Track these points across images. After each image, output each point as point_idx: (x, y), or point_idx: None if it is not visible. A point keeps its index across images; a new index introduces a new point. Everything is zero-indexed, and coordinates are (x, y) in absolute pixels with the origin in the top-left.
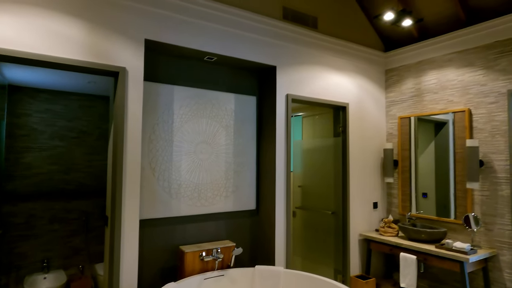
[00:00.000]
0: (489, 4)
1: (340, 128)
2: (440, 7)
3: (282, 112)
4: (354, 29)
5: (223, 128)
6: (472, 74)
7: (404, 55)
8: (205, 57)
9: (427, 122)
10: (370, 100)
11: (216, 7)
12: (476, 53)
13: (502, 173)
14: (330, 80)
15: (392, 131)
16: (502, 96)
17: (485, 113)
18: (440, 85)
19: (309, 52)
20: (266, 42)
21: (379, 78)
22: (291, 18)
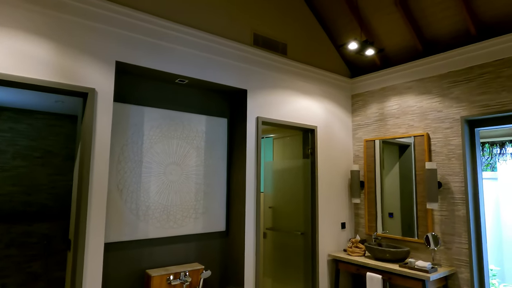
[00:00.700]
0: (443, 38)
1: (309, 150)
2: (400, 38)
3: (252, 134)
4: (322, 55)
5: (194, 150)
6: (429, 101)
7: (369, 82)
8: (176, 80)
9: (392, 144)
10: (337, 123)
11: (188, 32)
12: (432, 81)
13: (458, 194)
14: (299, 103)
15: (359, 153)
16: (456, 122)
17: (442, 138)
18: (402, 111)
19: (279, 76)
20: (237, 66)
21: (346, 102)
22: (261, 44)
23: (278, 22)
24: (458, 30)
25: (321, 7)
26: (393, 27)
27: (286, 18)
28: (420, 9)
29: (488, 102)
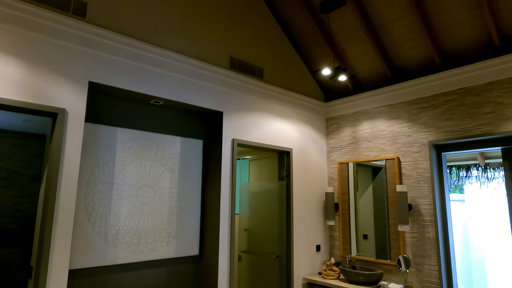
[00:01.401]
0: (411, 66)
1: (284, 172)
2: (371, 66)
3: (227, 156)
4: (297, 80)
5: (168, 171)
6: (399, 126)
7: (342, 106)
8: (152, 101)
9: (365, 166)
10: (312, 146)
11: (164, 54)
12: (402, 107)
13: (427, 216)
14: (275, 126)
15: (333, 175)
16: (424, 147)
17: (411, 161)
18: (373, 134)
19: (255, 99)
20: (213, 88)
21: (320, 125)
22: (238, 67)
23: (255, 47)
24: (424, 60)
25: (297, 34)
26: (364, 55)
27: (263, 43)
28: (389, 39)
29: (453, 128)
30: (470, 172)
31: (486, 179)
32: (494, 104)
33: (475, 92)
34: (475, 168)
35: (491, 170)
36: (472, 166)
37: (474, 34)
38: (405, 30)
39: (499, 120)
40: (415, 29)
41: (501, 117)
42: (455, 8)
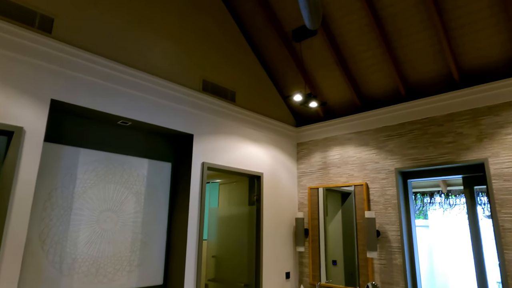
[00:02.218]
0: (378, 95)
1: (255, 197)
2: (341, 94)
3: (197, 180)
4: (269, 104)
5: (133, 195)
6: (367, 153)
7: (313, 131)
8: (119, 121)
9: (335, 192)
10: (283, 171)
11: (133, 73)
12: (370, 134)
13: (395, 243)
14: (246, 150)
15: (303, 200)
16: (391, 173)
17: (379, 188)
18: (343, 160)
19: (227, 123)
20: (185, 111)
21: (291, 150)
22: (210, 90)
23: (228, 71)
24: (391, 90)
25: (270, 60)
26: (334, 83)
27: (236, 67)
28: (357, 69)
29: (418, 156)
30: (433, 199)
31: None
32: (455, 134)
33: (438, 122)
34: (438, 194)
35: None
36: (436, 192)
37: (436, 67)
38: (372, 61)
39: (460, 149)
40: (382, 60)
41: (462, 147)
42: (419, 42)
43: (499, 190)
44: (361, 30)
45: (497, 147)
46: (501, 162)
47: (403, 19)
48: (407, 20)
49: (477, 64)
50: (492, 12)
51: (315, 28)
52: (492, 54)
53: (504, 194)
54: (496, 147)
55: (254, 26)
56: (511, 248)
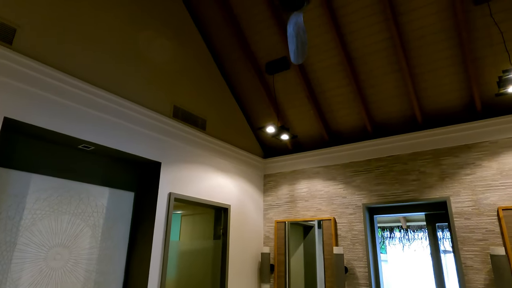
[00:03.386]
0: (346, 131)
1: (221, 230)
2: (310, 127)
3: (162, 211)
4: (238, 134)
5: (89, 228)
6: (335, 187)
7: (281, 163)
8: (80, 145)
9: (297, 225)
10: (250, 203)
11: (99, 94)
12: (337, 169)
13: (362, 279)
14: (214, 180)
15: (269, 234)
16: (359, 209)
17: (347, 223)
18: (311, 194)
19: (196, 151)
20: (153, 137)
21: (258, 182)
22: (181, 116)
23: (200, 98)
24: (358, 127)
25: (241, 90)
26: (304, 117)
27: (208, 96)
28: (327, 104)
29: (384, 192)
30: (393, 233)
31: (407, 241)
32: (418, 173)
33: (402, 161)
34: (398, 229)
35: (412, 232)
36: (395, 227)
37: (401, 108)
38: (342, 98)
39: (424, 187)
40: (351, 98)
41: (425, 185)
42: (386, 83)
43: (460, 228)
44: (333, 68)
45: (457, 186)
46: (462, 201)
47: (373, 60)
48: (377, 62)
49: (438, 108)
50: (453, 61)
51: (299, 63)
52: (451, 99)
53: (465, 232)
54: (457, 187)
55: (228, 57)
56: (474, 285)
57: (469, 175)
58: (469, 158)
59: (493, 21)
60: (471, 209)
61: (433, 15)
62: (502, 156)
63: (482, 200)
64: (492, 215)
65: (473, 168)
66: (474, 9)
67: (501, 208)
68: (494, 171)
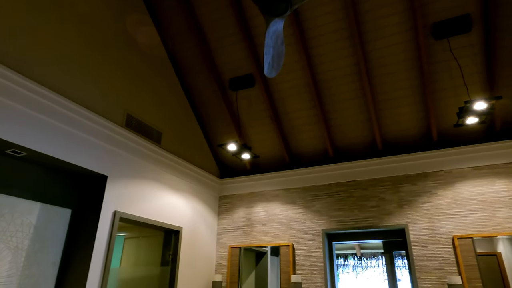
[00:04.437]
0: (307, 154)
1: (170, 256)
2: (270, 148)
3: (104, 233)
4: (195, 151)
5: (9, 251)
6: (294, 211)
7: (238, 184)
8: (9, 150)
9: (249, 251)
10: (203, 226)
11: (35, 89)
12: (297, 193)
13: None
14: (166, 199)
15: (222, 261)
16: (318, 235)
17: (305, 249)
18: (269, 218)
19: (148, 166)
20: (100, 146)
21: (213, 203)
22: (134, 127)
23: (157, 109)
24: (320, 150)
25: (202, 105)
26: (266, 137)
27: (166, 107)
28: (291, 126)
29: (344, 218)
30: (347, 261)
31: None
32: (378, 199)
33: (363, 186)
34: (351, 257)
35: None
36: (349, 255)
37: (363, 134)
38: (306, 120)
39: (383, 214)
40: (315, 121)
41: (384, 211)
42: (350, 109)
43: (418, 256)
44: (299, 89)
45: (415, 214)
46: (419, 229)
47: (338, 85)
48: (342, 87)
49: (397, 136)
50: (414, 92)
51: (271, 76)
52: (410, 128)
53: (422, 261)
54: (415, 214)
55: (191, 69)
56: None
57: (426, 203)
58: (426, 186)
59: (452, 55)
60: (428, 237)
61: (397, 45)
62: (456, 185)
63: (438, 228)
64: (448, 243)
65: (429, 197)
66: (435, 43)
67: (456, 236)
68: (449, 200)
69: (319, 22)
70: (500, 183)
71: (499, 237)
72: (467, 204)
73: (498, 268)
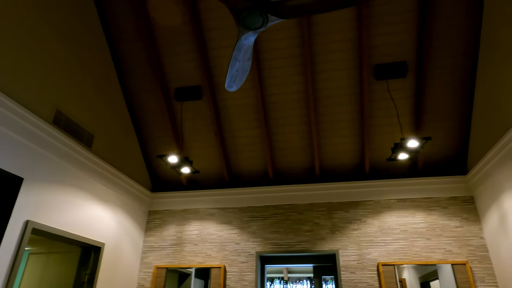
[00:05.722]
0: (247, 174)
1: (86, 276)
2: (210, 164)
3: (10, 246)
4: (128, 160)
5: None
6: (229, 232)
7: (171, 200)
8: None
9: (172, 272)
10: (128, 243)
11: None
12: (234, 213)
13: None
14: (91, 211)
15: (144, 282)
16: (252, 257)
17: (237, 272)
18: (201, 237)
19: (74, 172)
20: (19, 143)
21: (141, 218)
22: (63, 125)
23: (92, 110)
24: (260, 171)
25: (142, 112)
26: (207, 152)
27: (102, 109)
28: (233, 144)
29: (279, 241)
30: (273, 285)
31: None
32: (312, 224)
33: (299, 210)
34: (278, 281)
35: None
36: (276, 279)
37: (303, 159)
38: (250, 140)
39: (316, 239)
40: (259, 142)
41: (317, 236)
42: (293, 134)
43: (346, 281)
44: (247, 108)
45: (346, 240)
46: (349, 255)
47: (286, 109)
48: (289, 111)
49: (334, 164)
50: (353, 125)
51: (231, 90)
52: (345, 158)
53: (350, 286)
54: (345, 240)
55: (134, 72)
56: None
57: (356, 230)
58: (357, 214)
59: (390, 96)
60: (356, 263)
61: (343, 79)
62: (383, 215)
63: (366, 255)
64: (373, 269)
65: (359, 224)
66: (376, 83)
67: (381, 263)
68: (376, 228)
69: (275, 46)
70: (420, 216)
71: (405, 265)
72: (392, 233)
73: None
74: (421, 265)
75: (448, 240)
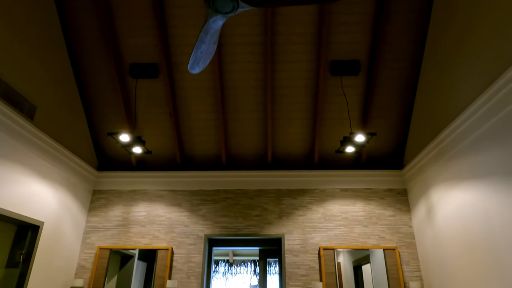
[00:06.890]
0: (200, 158)
1: (21, 256)
2: (162, 146)
3: None
4: (73, 136)
5: None
6: (178, 214)
7: (118, 180)
8: None
9: (115, 253)
10: (69, 222)
11: None
12: (184, 195)
13: None
14: (29, 187)
15: (86, 263)
16: (200, 239)
17: (184, 254)
18: (149, 219)
19: (13, 144)
20: None
21: (85, 197)
22: (2, 93)
23: (35, 78)
24: (213, 155)
25: (93, 86)
26: (160, 133)
27: (47, 79)
28: (188, 127)
29: (228, 224)
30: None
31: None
32: (261, 209)
33: (249, 195)
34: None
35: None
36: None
37: (256, 146)
38: (205, 124)
39: (264, 223)
40: (213, 126)
41: (266, 221)
42: (250, 120)
43: (289, 264)
44: (204, 91)
45: (292, 225)
46: (293, 239)
47: (243, 96)
48: (245, 98)
49: (285, 152)
50: (306, 116)
51: (194, 72)
52: (296, 147)
53: (292, 268)
54: (291, 226)
55: (86, 41)
56: None
57: (301, 216)
58: (303, 201)
59: (342, 92)
60: (300, 247)
61: (301, 71)
62: (327, 203)
63: (309, 239)
64: (315, 253)
65: (305, 211)
66: (331, 78)
67: (322, 247)
68: (320, 215)
69: (237, 31)
70: (359, 205)
71: (341, 249)
72: (334, 220)
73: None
74: (356, 249)
75: (382, 227)
